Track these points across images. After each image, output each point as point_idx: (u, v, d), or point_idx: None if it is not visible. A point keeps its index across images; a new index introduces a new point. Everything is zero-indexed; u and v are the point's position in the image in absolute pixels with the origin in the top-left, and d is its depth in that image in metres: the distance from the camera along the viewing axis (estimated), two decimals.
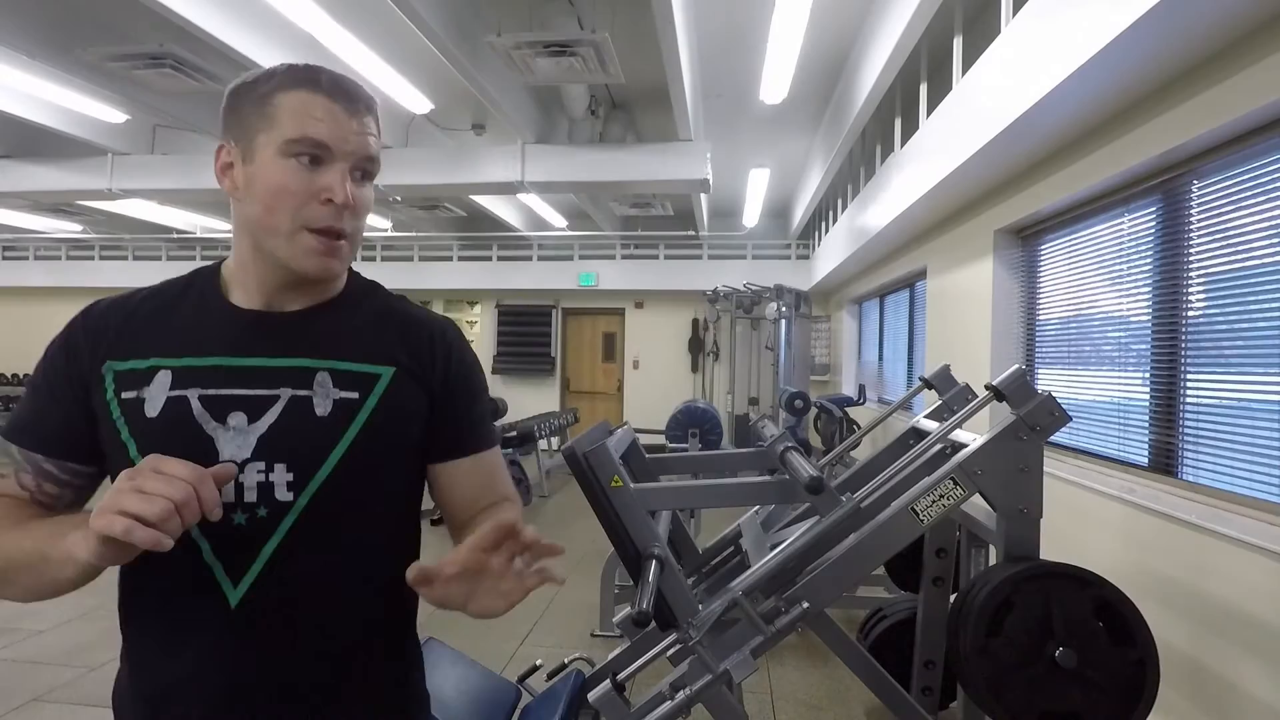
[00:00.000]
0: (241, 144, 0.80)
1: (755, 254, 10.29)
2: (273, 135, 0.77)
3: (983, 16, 4.00)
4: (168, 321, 0.82)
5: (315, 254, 0.79)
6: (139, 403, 0.77)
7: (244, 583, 0.76)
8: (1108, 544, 2.88)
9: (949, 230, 5.01)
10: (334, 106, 0.78)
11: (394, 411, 0.82)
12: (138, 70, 4.72)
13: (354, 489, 0.79)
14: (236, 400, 0.78)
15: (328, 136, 0.77)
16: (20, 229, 10.71)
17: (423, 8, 3.81)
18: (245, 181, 0.79)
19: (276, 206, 0.77)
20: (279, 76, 0.79)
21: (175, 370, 0.78)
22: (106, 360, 0.79)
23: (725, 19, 4.85)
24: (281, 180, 0.77)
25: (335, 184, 0.78)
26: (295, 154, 0.77)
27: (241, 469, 0.76)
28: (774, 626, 1.65)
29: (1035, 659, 1.58)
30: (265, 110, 0.78)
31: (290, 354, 0.80)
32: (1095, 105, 2.76)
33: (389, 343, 0.85)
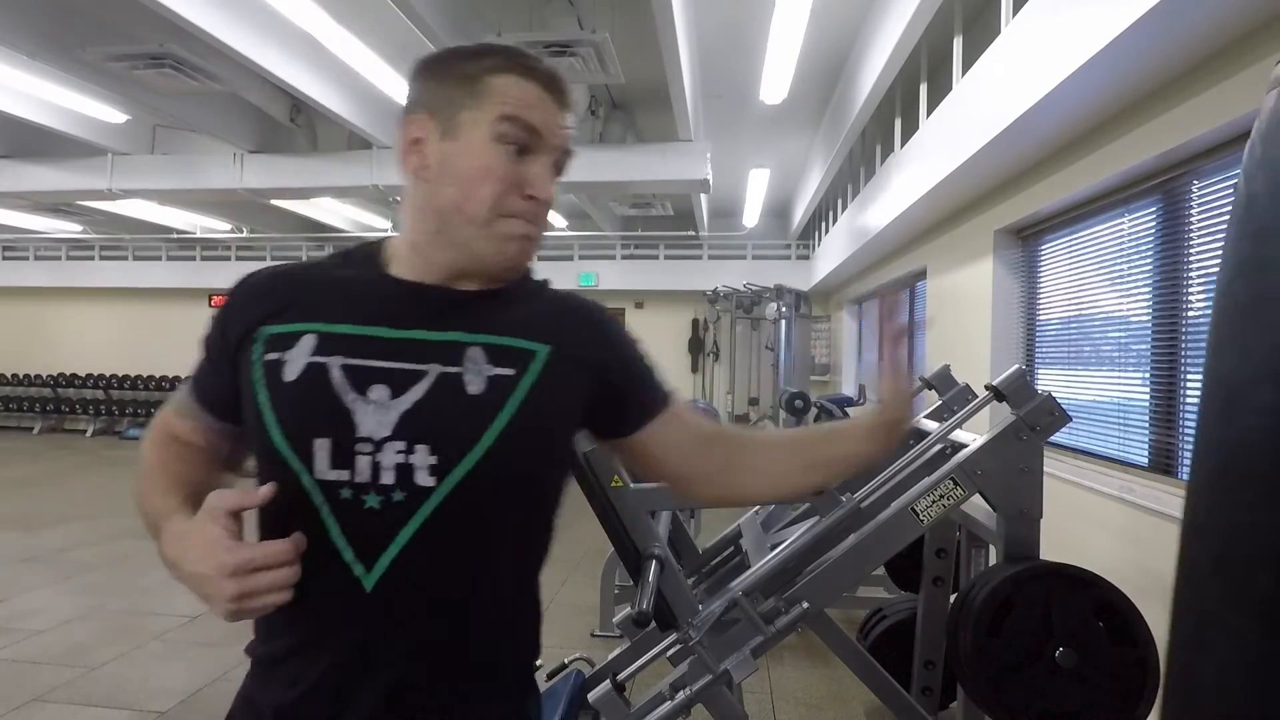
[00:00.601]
0: (440, 118, 0.75)
1: (755, 254, 10.30)
2: (482, 114, 0.73)
3: (983, 16, 4.00)
4: (322, 287, 0.79)
5: (515, 239, 0.76)
6: (279, 365, 0.73)
7: (377, 568, 0.71)
8: (1108, 544, 2.88)
9: (949, 230, 5.01)
10: (547, 97, 0.76)
11: (551, 391, 0.76)
12: (138, 70, 4.72)
13: (504, 476, 0.73)
14: (380, 372, 0.73)
15: (540, 123, 0.74)
16: (20, 229, 10.71)
17: (423, 8, 3.81)
18: (440, 159, 0.75)
19: (479, 190, 0.73)
20: (493, 57, 0.76)
21: (321, 335, 0.74)
22: (261, 325, 0.76)
23: (725, 19, 4.85)
24: (487, 163, 0.73)
25: (540, 178, 0.75)
26: (505, 138, 0.73)
27: (379, 447, 0.70)
28: (774, 626, 1.65)
29: (1035, 659, 1.58)
30: (475, 88, 0.74)
31: (441, 328, 0.75)
32: (1095, 105, 2.76)
33: (548, 321, 0.80)
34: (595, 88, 5.87)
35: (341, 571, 0.71)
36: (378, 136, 6.35)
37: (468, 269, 0.77)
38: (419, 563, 0.71)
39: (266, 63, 4.62)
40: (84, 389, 11.68)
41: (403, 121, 0.77)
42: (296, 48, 4.85)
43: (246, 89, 5.42)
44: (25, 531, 5.28)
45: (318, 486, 0.71)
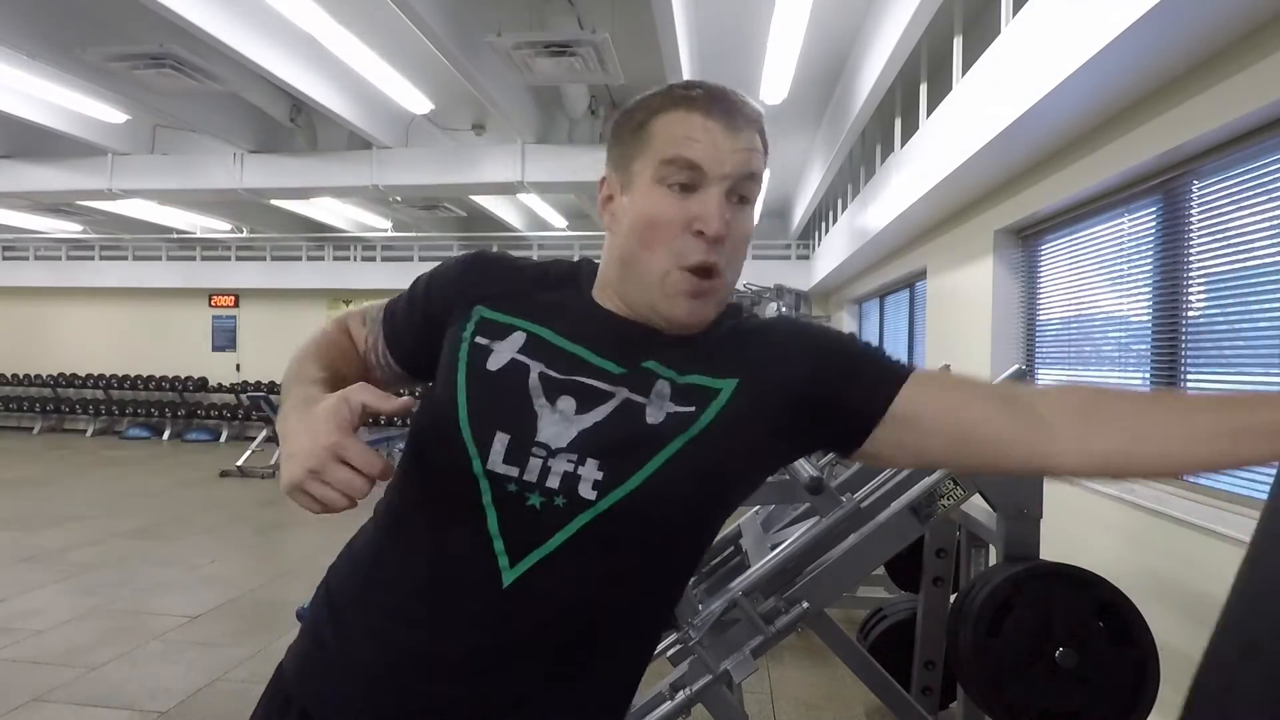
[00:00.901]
0: (621, 173, 0.76)
1: (755, 254, 10.29)
2: (647, 160, 0.73)
3: (983, 16, 4.00)
4: (544, 293, 0.81)
5: (684, 296, 0.73)
6: (485, 352, 0.76)
7: (520, 567, 0.71)
8: (1108, 544, 2.88)
9: (949, 230, 5.01)
10: (711, 124, 0.72)
11: (730, 430, 0.74)
12: (138, 70, 4.72)
13: (662, 504, 0.72)
14: (572, 386, 0.74)
15: (701, 156, 0.71)
16: (20, 229, 10.72)
17: (423, 8, 3.81)
18: (621, 213, 0.76)
19: (649, 240, 0.72)
20: (657, 99, 0.75)
21: (530, 335, 0.77)
22: (479, 303, 0.80)
23: (725, 19, 4.86)
24: (653, 210, 0.72)
25: (709, 212, 0.71)
26: (668, 180, 0.72)
27: (553, 454, 0.71)
28: (774, 626, 1.65)
29: (1035, 659, 1.58)
30: (641, 136, 0.74)
31: (638, 362, 0.75)
32: (1095, 105, 2.76)
33: (735, 353, 0.77)
34: (595, 88, 5.87)
35: (489, 563, 0.72)
36: (378, 136, 6.35)
37: (651, 318, 0.77)
38: (559, 573, 0.72)
39: (266, 63, 4.63)
40: (84, 389, 11.68)
41: (599, 181, 0.81)
42: (296, 48, 4.85)
43: (246, 89, 5.42)
44: (25, 531, 5.28)
45: (486, 476, 0.72)
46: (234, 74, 5.01)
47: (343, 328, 0.89)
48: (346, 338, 0.88)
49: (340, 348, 0.86)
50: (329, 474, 0.64)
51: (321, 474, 0.64)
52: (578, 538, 0.71)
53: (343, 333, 0.88)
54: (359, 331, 0.88)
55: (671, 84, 0.76)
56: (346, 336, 0.88)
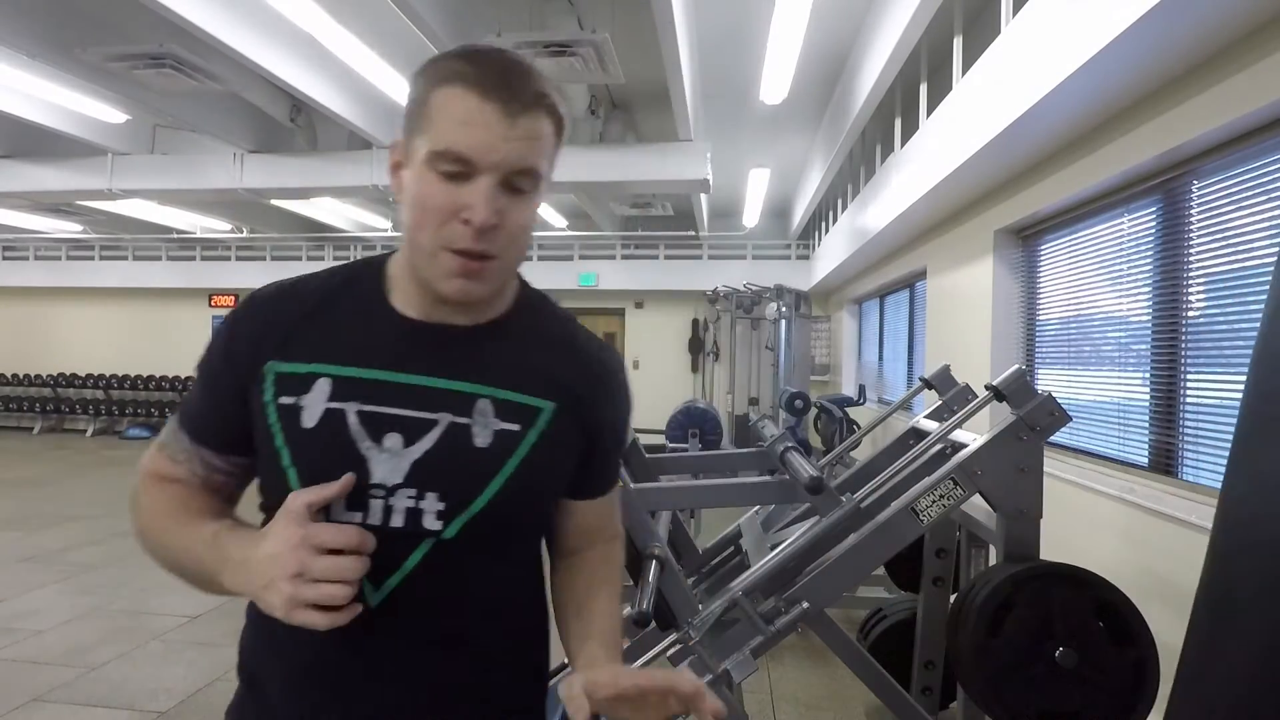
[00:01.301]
0: (407, 141, 0.73)
1: (755, 254, 10.30)
2: (424, 139, 0.70)
3: (983, 16, 4.00)
4: (329, 322, 0.77)
5: (452, 276, 0.71)
6: (296, 410, 0.73)
7: (384, 588, 0.73)
8: (1108, 544, 2.88)
9: (949, 230, 5.01)
10: (487, 106, 0.68)
11: (553, 448, 0.78)
12: (138, 70, 4.72)
13: (503, 525, 0.76)
14: (394, 420, 0.73)
15: (470, 148, 0.68)
16: (20, 229, 10.71)
17: (423, 8, 3.81)
18: (404, 186, 0.73)
19: (420, 220, 0.71)
20: (440, 66, 0.71)
21: (335, 379, 0.74)
22: (269, 360, 0.75)
23: (725, 19, 4.85)
24: (424, 193, 0.70)
25: (477, 202, 0.68)
26: (438, 167, 0.69)
27: (392, 492, 0.72)
28: (774, 626, 1.65)
29: (1035, 659, 1.58)
30: (423, 109, 0.70)
31: (453, 376, 0.75)
32: (1095, 105, 2.76)
33: (555, 374, 0.79)
34: (595, 88, 5.86)
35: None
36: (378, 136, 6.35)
37: (435, 299, 0.76)
38: (420, 591, 0.74)
39: (266, 63, 4.62)
40: (84, 389, 11.68)
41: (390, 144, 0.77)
42: (296, 48, 4.85)
43: (246, 89, 5.42)
44: (25, 531, 5.28)
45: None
46: (234, 74, 5.01)
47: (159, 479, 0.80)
48: (174, 485, 0.79)
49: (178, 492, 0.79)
50: (313, 569, 0.63)
51: (306, 574, 0.63)
52: (429, 559, 0.74)
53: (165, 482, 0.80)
54: (177, 470, 0.79)
55: (461, 48, 0.72)
56: (172, 484, 0.79)
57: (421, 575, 0.74)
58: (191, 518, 0.75)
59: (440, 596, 0.75)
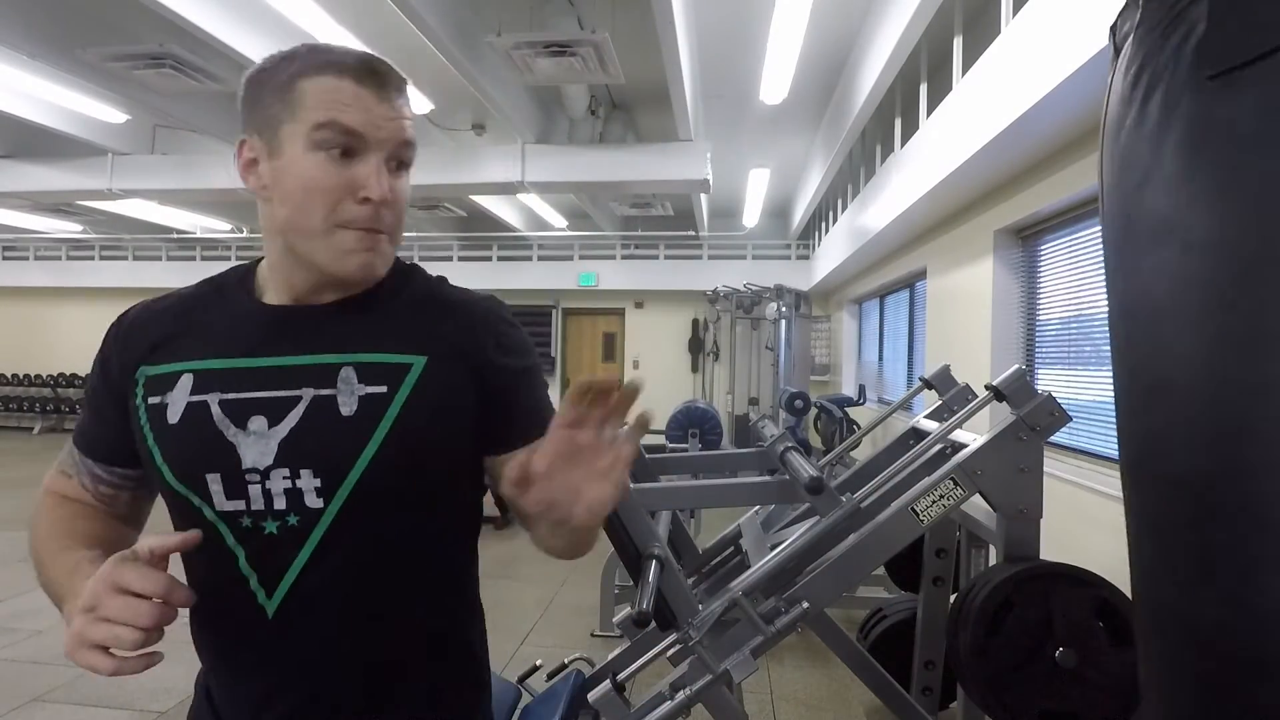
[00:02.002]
0: (265, 136, 0.72)
1: (755, 254, 10.30)
2: (298, 125, 0.70)
3: (983, 16, 4.00)
4: (195, 323, 0.79)
5: (355, 253, 0.72)
6: (162, 408, 0.75)
7: (278, 594, 0.73)
8: (1108, 544, 2.88)
9: (949, 230, 5.01)
10: (362, 91, 0.71)
11: (429, 403, 0.74)
12: (138, 70, 4.72)
13: (389, 492, 0.73)
14: (256, 403, 0.73)
15: (358, 123, 0.70)
16: (20, 229, 10.71)
17: (423, 8, 3.81)
18: (272, 178, 0.73)
19: (308, 204, 0.71)
20: (300, 60, 0.72)
21: (196, 373, 0.75)
22: (140, 365, 0.78)
23: (725, 19, 4.85)
24: (312, 175, 0.70)
25: (370, 178, 0.71)
26: (325, 145, 0.70)
27: (266, 475, 0.72)
28: (774, 626, 1.65)
29: (1035, 659, 1.58)
30: (288, 98, 0.71)
31: (312, 350, 0.75)
32: (1096, 105, 2.75)
33: (423, 329, 0.77)
34: (595, 88, 5.87)
35: (248, 600, 0.73)
36: None
37: (322, 282, 0.76)
38: (317, 586, 0.73)
39: None
40: (84, 389, 11.67)
41: (237, 144, 0.75)
42: None
43: None
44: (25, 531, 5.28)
45: (220, 518, 0.73)
46: (234, 74, 5.01)
47: (56, 495, 0.84)
48: (69, 503, 0.83)
49: (75, 515, 0.82)
50: (105, 608, 0.60)
51: (97, 610, 0.60)
52: (320, 548, 0.72)
53: (61, 499, 0.84)
54: (70, 485, 0.83)
55: (312, 45, 0.74)
56: (68, 502, 0.83)
57: (314, 569, 0.72)
58: (71, 542, 0.76)
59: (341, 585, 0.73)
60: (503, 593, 4.16)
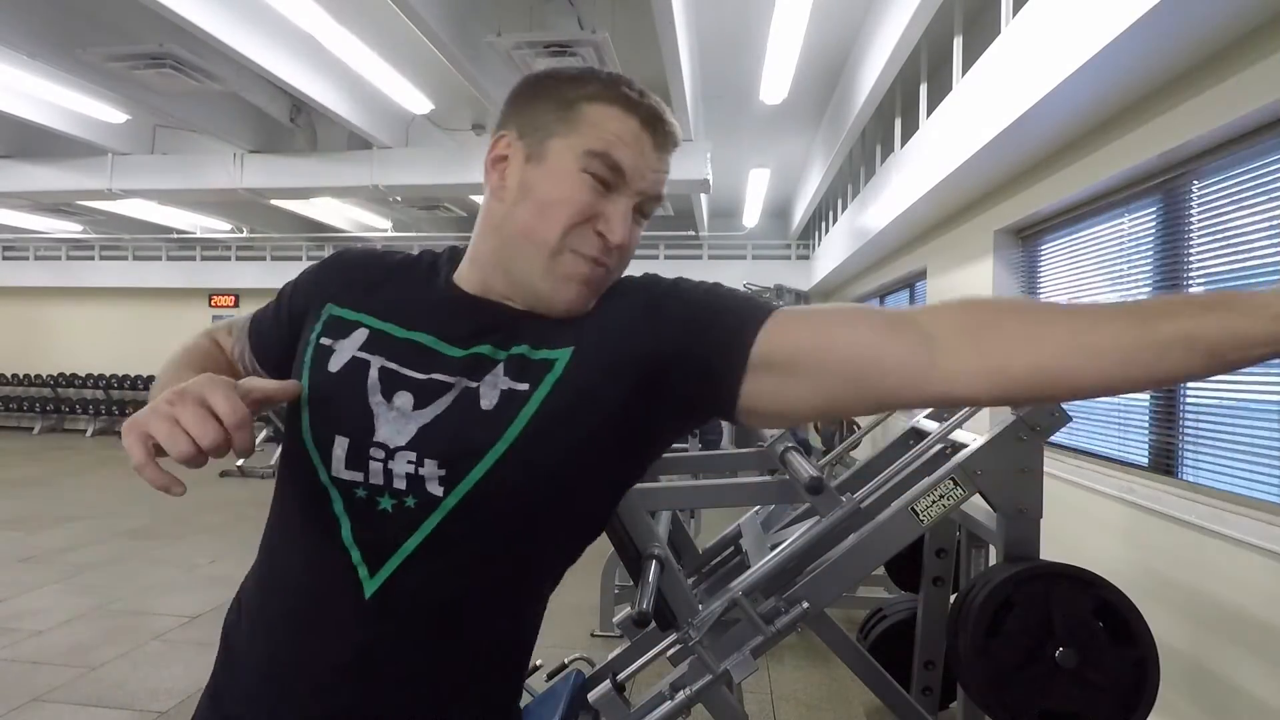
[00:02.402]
0: (529, 140, 0.72)
1: (755, 254, 10.30)
2: (572, 142, 0.70)
3: (983, 16, 4.00)
4: (394, 283, 0.79)
5: (574, 281, 0.70)
6: (328, 352, 0.74)
7: (380, 574, 0.69)
8: (1108, 544, 2.88)
9: (949, 230, 5.01)
10: (644, 136, 0.71)
11: (572, 399, 0.69)
12: (138, 70, 4.72)
13: (513, 494, 0.69)
14: (410, 382, 0.71)
15: (629, 164, 0.70)
16: (20, 229, 10.72)
17: (423, 8, 3.81)
18: (521, 182, 0.71)
19: (554, 217, 0.69)
20: (594, 84, 0.72)
21: (373, 332, 0.74)
22: (329, 301, 0.78)
23: (725, 19, 4.86)
24: (569, 192, 0.69)
25: (616, 218, 0.70)
26: (589, 169, 0.69)
27: (393, 455, 0.69)
28: (774, 626, 1.65)
29: (1035, 659, 1.58)
30: (570, 115, 0.71)
31: (481, 342, 0.72)
32: (1095, 105, 2.76)
33: (577, 322, 0.73)
34: None
35: (349, 574, 0.70)
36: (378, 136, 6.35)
37: (521, 299, 0.73)
38: (420, 574, 0.70)
39: (266, 63, 4.63)
40: (84, 389, 11.68)
41: (493, 137, 0.75)
42: (296, 48, 4.85)
43: (246, 89, 5.42)
44: (25, 532, 5.28)
45: (333, 484, 0.70)
46: (234, 74, 5.01)
47: (212, 339, 0.88)
48: (217, 347, 0.87)
49: (210, 355, 0.86)
50: (179, 410, 0.57)
51: (172, 409, 0.57)
52: (433, 537, 0.69)
53: (212, 343, 0.88)
54: (226, 341, 0.87)
55: (611, 74, 0.74)
56: (216, 346, 0.87)
57: (424, 558, 0.69)
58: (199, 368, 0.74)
59: (446, 581, 0.70)
60: None
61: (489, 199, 0.75)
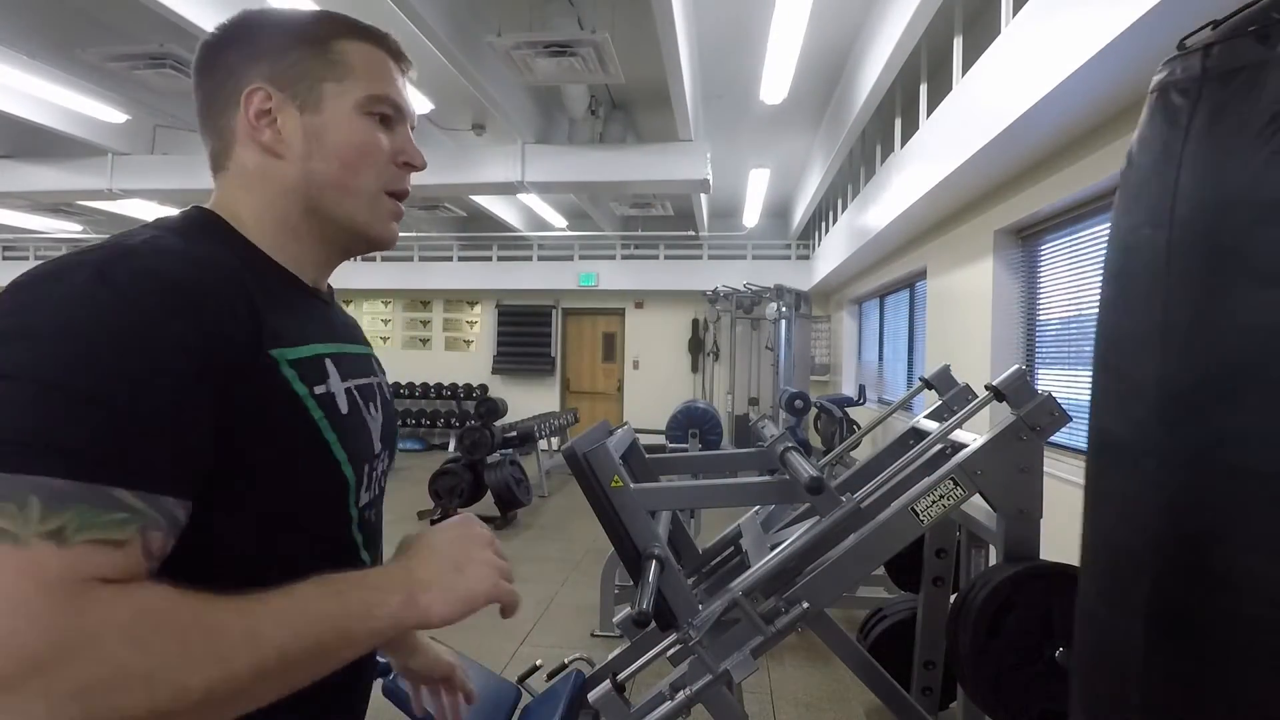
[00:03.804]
0: (294, 90, 0.68)
1: (755, 254, 10.30)
2: (346, 87, 0.70)
3: (983, 16, 4.00)
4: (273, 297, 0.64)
5: (393, 220, 0.75)
6: (331, 397, 0.65)
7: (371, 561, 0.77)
8: None
9: (949, 230, 5.01)
10: (395, 67, 0.75)
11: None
12: (138, 70, 4.72)
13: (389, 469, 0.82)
14: (366, 389, 0.74)
15: (400, 99, 0.74)
16: (20, 229, 10.71)
17: (423, 8, 3.81)
18: (305, 134, 0.68)
19: (362, 166, 0.70)
20: (333, 22, 0.72)
21: (333, 358, 0.69)
22: (273, 347, 0.60)
23: (725, 19, 4.86)
24: (366, 139, 0.71)
25: (410, 148, 0.75)
26: (375, 111, 0.71)
27: (378, 459, 0.75)
28: (774, 626, 1.65)
29: (1035, 659, 1.58)
30: (328, 57, 0.70)
31: (349, 339, 0.77)
32: (1096, 105, 2.76)
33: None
34: (595, 88, 5.86)
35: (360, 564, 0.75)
36: None
37: (346, 249, 0.76)
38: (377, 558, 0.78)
39: None
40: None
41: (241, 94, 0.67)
42: None
43: None
44: None
45: (357, 512, 0.72)
46: None
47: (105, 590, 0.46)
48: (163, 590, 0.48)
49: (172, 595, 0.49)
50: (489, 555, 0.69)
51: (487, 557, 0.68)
52: (377, 523, 0.79)
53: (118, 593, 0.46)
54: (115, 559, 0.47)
55: (327, 12, 0.73)
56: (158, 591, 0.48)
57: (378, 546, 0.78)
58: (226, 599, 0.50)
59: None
60: None
61: (262, 158, 0.68)
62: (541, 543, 5.27)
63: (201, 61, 0.72)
